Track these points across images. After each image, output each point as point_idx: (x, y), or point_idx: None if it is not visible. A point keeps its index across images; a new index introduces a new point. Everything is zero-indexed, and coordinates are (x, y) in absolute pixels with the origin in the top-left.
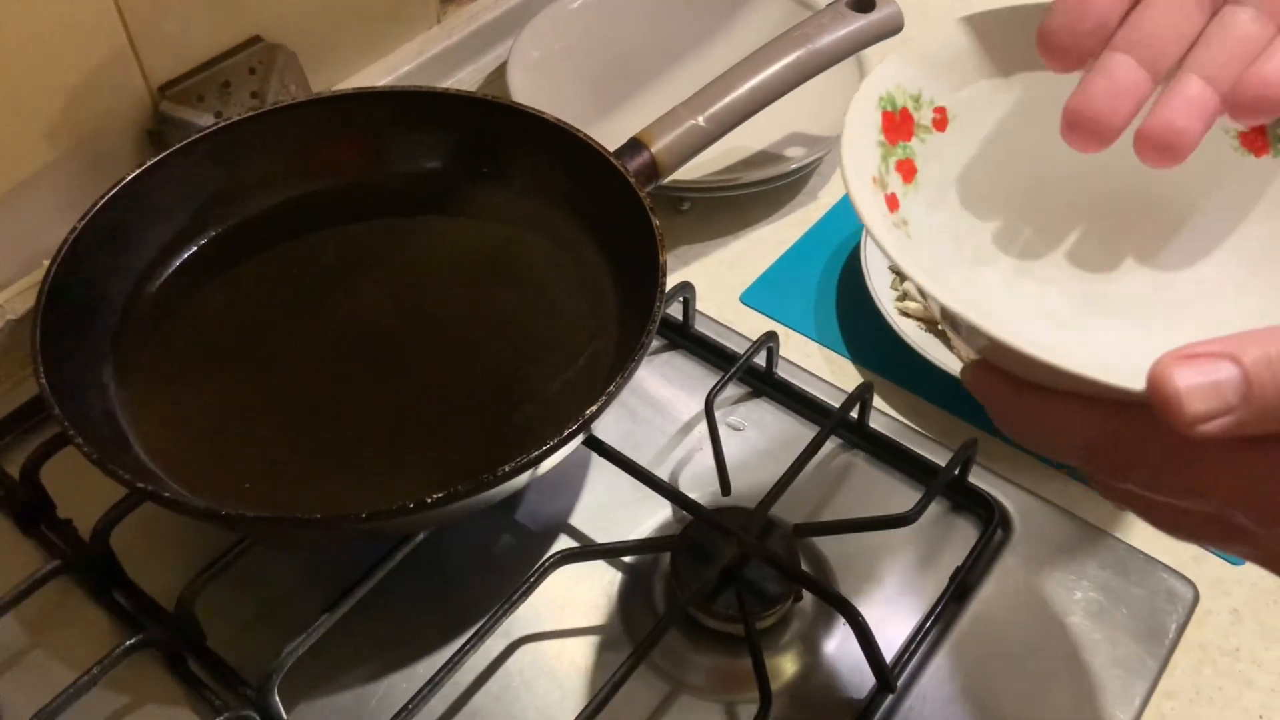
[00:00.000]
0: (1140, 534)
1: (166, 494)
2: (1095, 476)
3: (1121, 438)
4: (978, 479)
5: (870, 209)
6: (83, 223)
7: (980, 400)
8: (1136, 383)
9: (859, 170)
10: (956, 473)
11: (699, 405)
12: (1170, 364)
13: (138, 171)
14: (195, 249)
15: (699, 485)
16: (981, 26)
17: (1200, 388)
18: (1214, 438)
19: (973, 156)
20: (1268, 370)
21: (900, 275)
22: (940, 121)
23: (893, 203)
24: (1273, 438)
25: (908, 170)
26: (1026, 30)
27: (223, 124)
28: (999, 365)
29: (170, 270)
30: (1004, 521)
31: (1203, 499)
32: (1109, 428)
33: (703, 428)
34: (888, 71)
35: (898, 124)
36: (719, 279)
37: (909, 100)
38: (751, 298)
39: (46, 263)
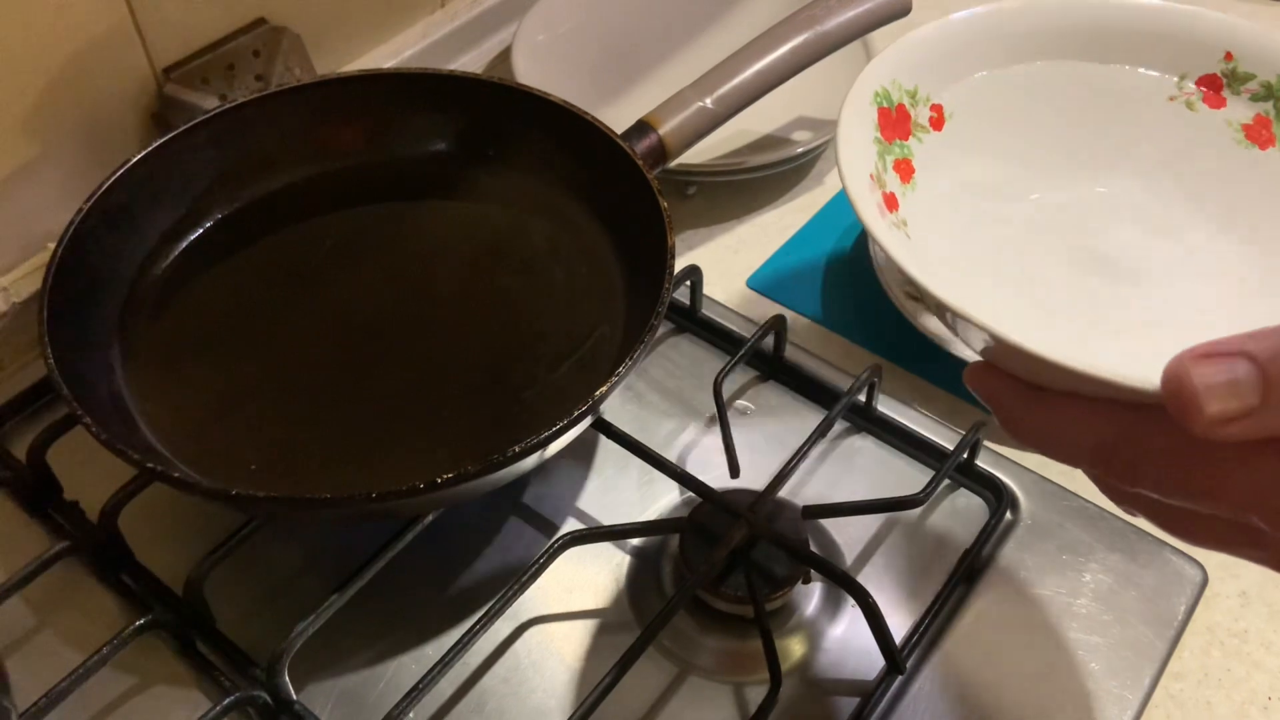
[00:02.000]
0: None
1: (175, 474)
2: (1104, 481)
3: (1131, 440)
4: (986, 462)
5: (867, 207)
6: (88, 205)
7: (984, 402)
8: (1149, 382)
9: (855, 168)
10: (965, 455)
11: (707, 389)
12: (1186, 361)
13: (143, 154)
14: (200, 231)
15: (707, 468)
16: (979, 22)
17: (1219, 386)
18: (1233, 440)
19: (971, 158)
20: None
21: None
22: (937, 120)
23: (891, 202)
24: None
25: (906, 170)
26: (1024, 25)
27: (227, 106)
28: (1003, 366)
29: (176, 252)
30: (1012, 504)
31: (1217, 503)
32: (1118, 430)
33: (711, 411)
34: (882, 66)
35: (894, 121)
36: (725, 263)
37: (905, 96)
38: (758, 282)
39: (51, 245)
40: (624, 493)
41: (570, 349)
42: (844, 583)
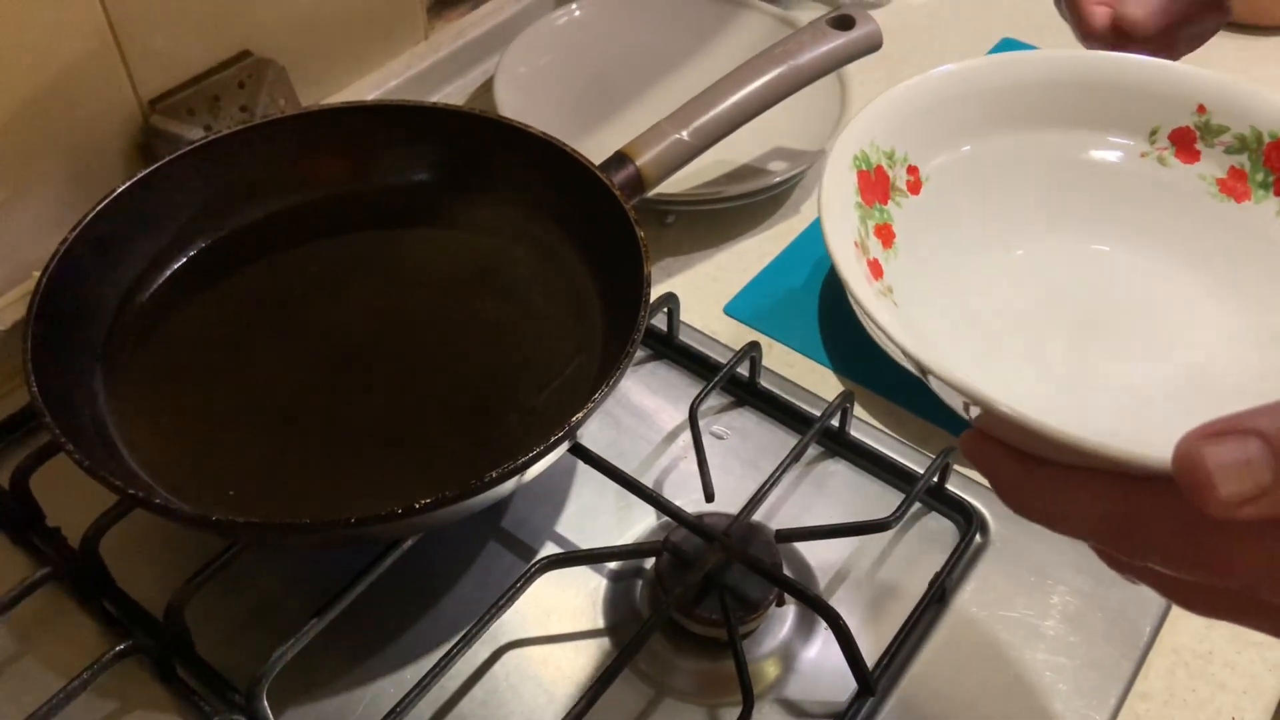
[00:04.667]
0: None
1: (157, 500)
2: (1110, 555)
3: (1137, 515)
4: (956, 486)
5: (857, 279)
6: (74, 234)
7: (981, 473)
8: (1158, 459)
9: (841, 237)
10: (935, 479)
11: (683, 414)
12: (1197, 441)
13: (128, 184)
14: (185, 260)
15: (683, 492)
16: (950, 80)
17: (1232, 466)
18: (1247, 519)
19: (951, 220)
20: None
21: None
22: (914, 185)
23: (876, 269)
24: None
25: (886, 236)
26: (996, 81)
27: (212, 137)
28: (1000, 437)
29: (160, 281)
30: (982, 527)
31: (1226, 578)
32: (1123, 505)
33: (687, 436)
34: (859, 128)
35: (873, 184)
36: (703, 290)
37: (883, 158)
38: (735, 309)
39: (37, 274)
40: (602, 517)
41: (549, 376)
42: (816, 605)
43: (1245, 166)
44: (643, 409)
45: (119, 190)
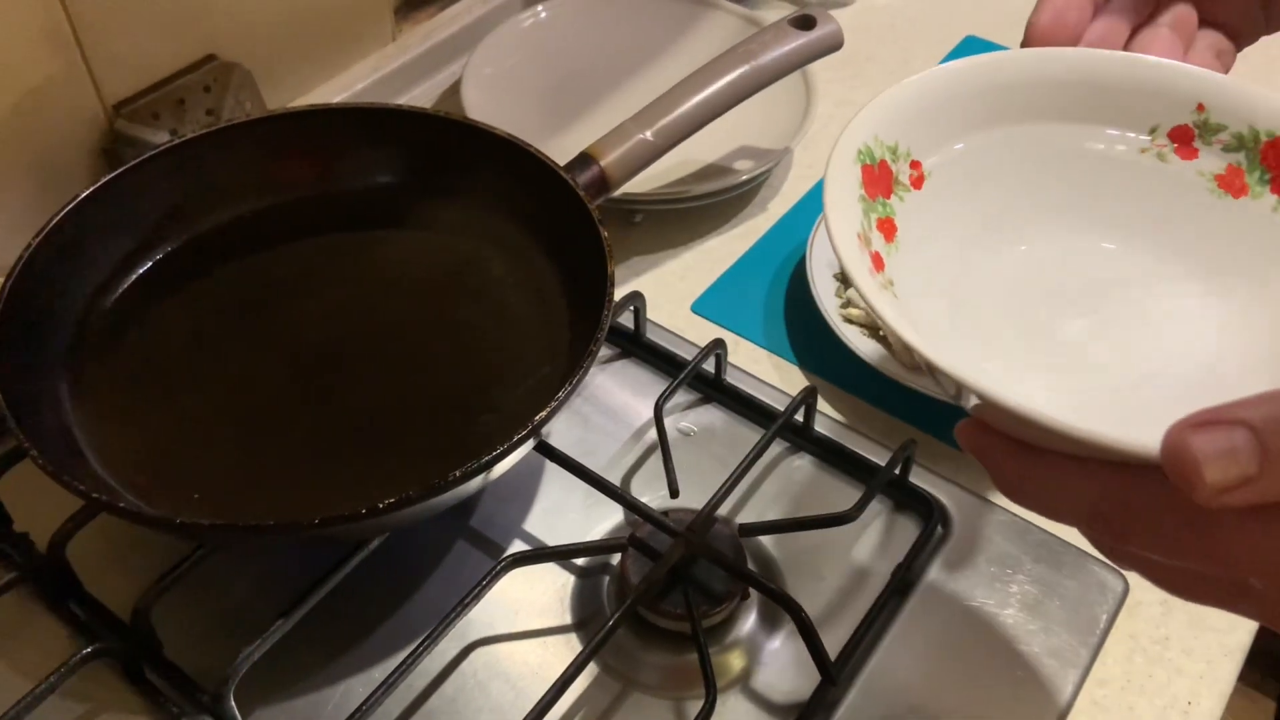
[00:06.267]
0: (1073, 530)
1: (122, 504)
2: (1101, 541)
3: (1128, 502)
4: (918, 478)
5: (860, 271)
6: (37, 239)
7: (978, 460)
8: (1149, 446)
9: (845, 228)
10: (897, 472)
11: (650, 411)
12: (1184, 431)
13: (92, 189)
14: (150, 264)
15: (650, 489)
16: (955, 77)
17: (1218, 455)
18: (1233, 506)
19: (953, 215)
20: None
21: (844, 281)
22: (917, 180)
23: (878, 262)
24: None
25: (888, 229)
26: (1000, 79)
27: (178, 141)
28: (995, 425)
29: (125, 285)
30: (943, 519)
31: (1215, 564)
32: (1115, 492)
33: (653, 433)
34: (863, 124)
35: (877, 177)
36: (670, 289)
37: (887, 152)
38: (702, 307)
39: (0, 279)
40: (569, 514)
41: (517, 375)
42: (779, 598)
43: (1242, 164)
44: (610, 406)
45: (83, 195)
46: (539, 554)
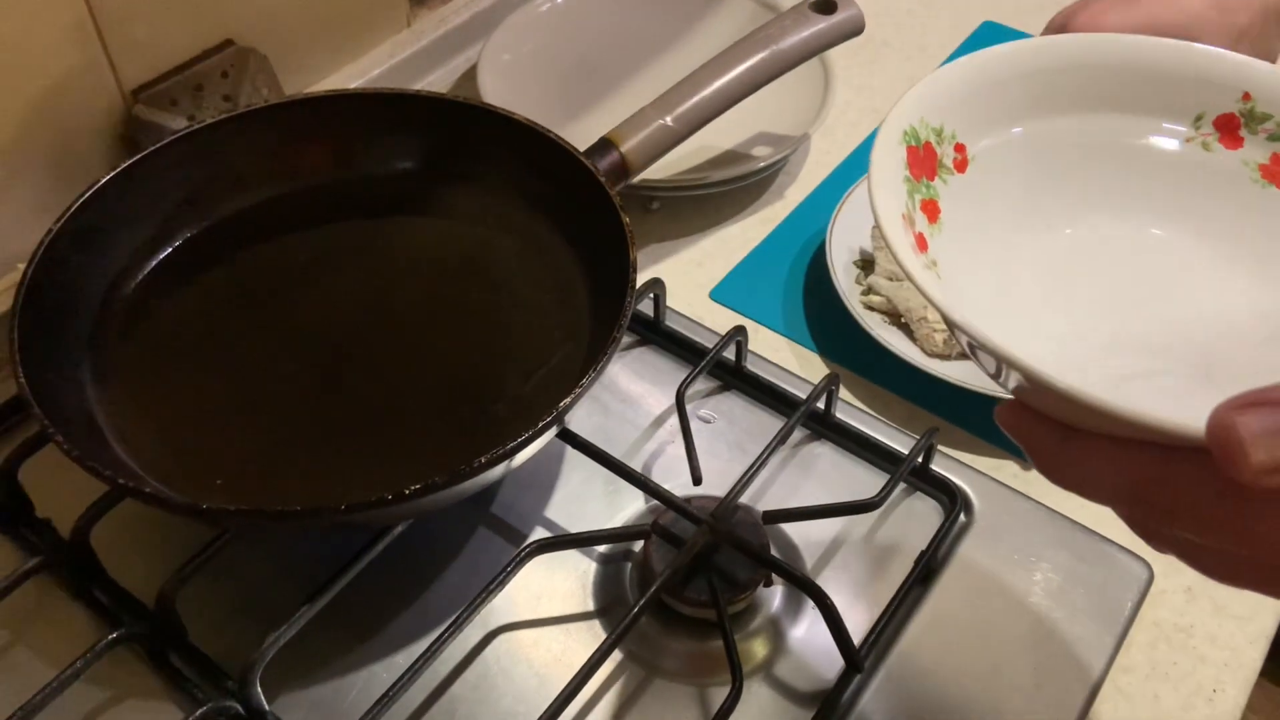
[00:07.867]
0: (1097, 517)
1: (147, 490)
2: (1140, 522)
3: (1168, 483)
4: (940, 466)
5: (905, 250)
6: (58, 225)
7: (1017, 441)
8: (1192, 427)
9: (890, 208)
10: (920, 460)
11: (670, 399)
12: (1230, 411)
13: (112, 174)
14: (170, 250)
15: (671, 476)
16: (1001, 61)
17: (1264, 435)
18: (1277, 489)
19: (997, 198)
20: None
21: (864, 269)
22: (961, 163)
23: (921, 243)
24: None
25: (932, 211)
26: (1045, 63)
27: (196, 127)
28: (1035, 406)
29: (145, 271)
30: (966, 506)
31: (1255, 547)
32: (1155, 472)
33: (674, 420)
34: (908, 106)
35: (921, 159)
36: (689, 276)
37: (932, 134)
38: (720, 294)
39: (22, 265)
40: (591, 501)
41: (536, 362)
42: (803, 585)
43: None
44: (630, 394)
45: (103, 181)
46: (563, 540)
